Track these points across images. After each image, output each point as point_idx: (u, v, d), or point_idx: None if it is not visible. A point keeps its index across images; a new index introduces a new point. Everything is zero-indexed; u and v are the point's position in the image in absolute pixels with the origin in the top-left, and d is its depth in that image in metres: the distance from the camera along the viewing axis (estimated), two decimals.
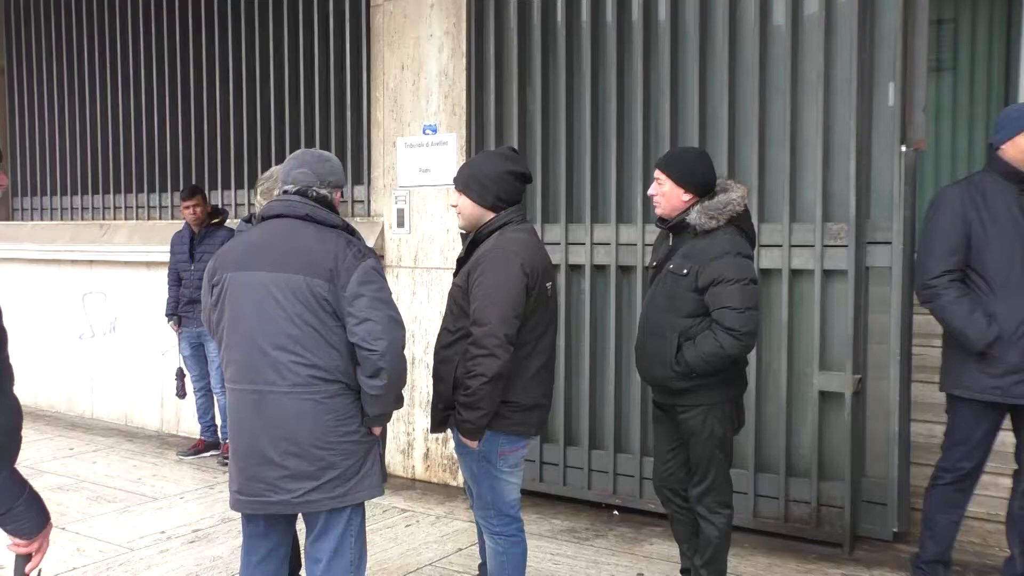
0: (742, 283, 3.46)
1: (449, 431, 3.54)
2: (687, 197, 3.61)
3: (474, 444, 3.36)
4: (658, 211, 3.72)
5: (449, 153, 5.94)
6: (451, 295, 3.46)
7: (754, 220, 4.87)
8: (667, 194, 3.65)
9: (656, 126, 5.30)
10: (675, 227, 3.67)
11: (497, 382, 3.24)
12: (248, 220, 4.57)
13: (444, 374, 3.41)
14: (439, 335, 3.51)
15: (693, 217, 3.58)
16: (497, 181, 3.41)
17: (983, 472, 5.03)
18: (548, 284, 3.44)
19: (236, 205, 7.33)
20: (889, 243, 4.69)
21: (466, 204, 3.46)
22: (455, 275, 3.53)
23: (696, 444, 3.64)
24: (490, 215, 3.43)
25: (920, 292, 3.85)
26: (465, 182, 3.46)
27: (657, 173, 3.69)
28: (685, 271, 3.54)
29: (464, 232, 3.57)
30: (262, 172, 6.29)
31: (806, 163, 4.86)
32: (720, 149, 5.04)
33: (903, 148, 4.64)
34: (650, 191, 3.73)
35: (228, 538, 4.95)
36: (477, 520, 3.65)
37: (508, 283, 3.25)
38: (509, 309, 3.23)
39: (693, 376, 3.54)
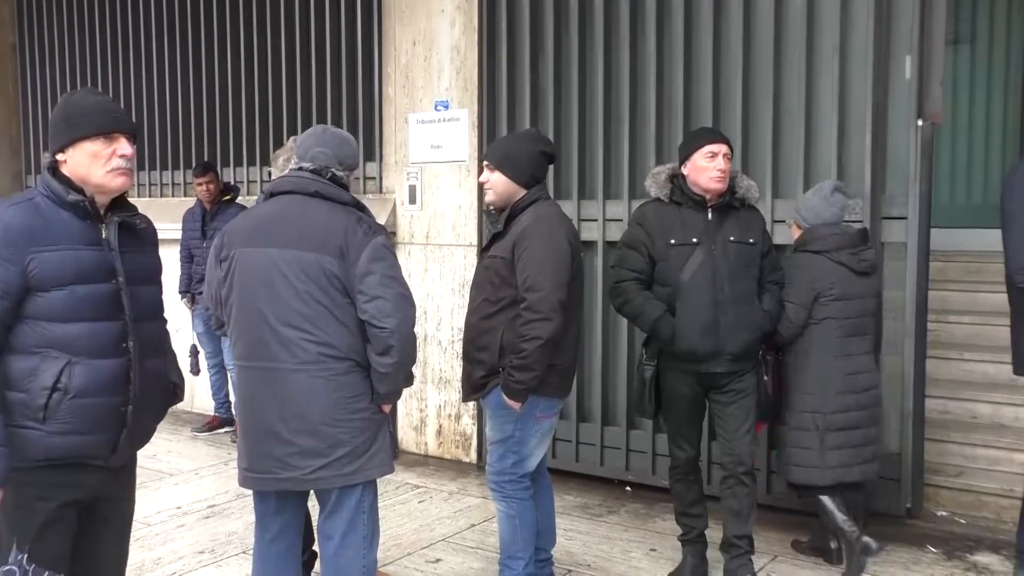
0: None
1: (480, 400, 3.67)
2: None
3: (518, 405, 3.47)
4: (720, 187, 3.73)
5: (461, 129, 5.92)
6: (490, 268, 3.56)
7: (768, 195, 4.89)
8: (728, 170, 3.76)
9: (670, 100, 5.26)
10: (726, 202, 3.78)
11: (550, 345, 3.38)
12: None
13: (487, 343, 3.52)
14: (476, 308, 3.60)
15: (746, 191, 3.80)
16: (533, 160, 3.58)
17: (1000, 448, 5.04)
18: (581, 254, 3.64)
19: (248, 182, 7.32)
20: (905, 218, 4.66)
21: (500, 181, 3.57)
22: (484, 251, 3.67)
23: (749, 401, 3.88)
24: (522, 192, 3.57)
25: (1017, 273, 3.63)
26: (500, 161, 3.58)
27: (727, 150, 3.75)
28: (752, 240, 3.79)
29: (492, 209, 3.69)
30: (274, 149, 6.27)
31: (821, 137, 4.82)
32: (734, 124, 4.99)
33: (919, 122, 4.60)
34: (721, 168, 3.70)
35: (243, 513, 4.99)
36: (490, 485, 3.72)
37: (556, 252, 3.43)
38: (560, 276, 3.41)
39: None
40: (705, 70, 5.12)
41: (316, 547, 3.89)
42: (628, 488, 5.44)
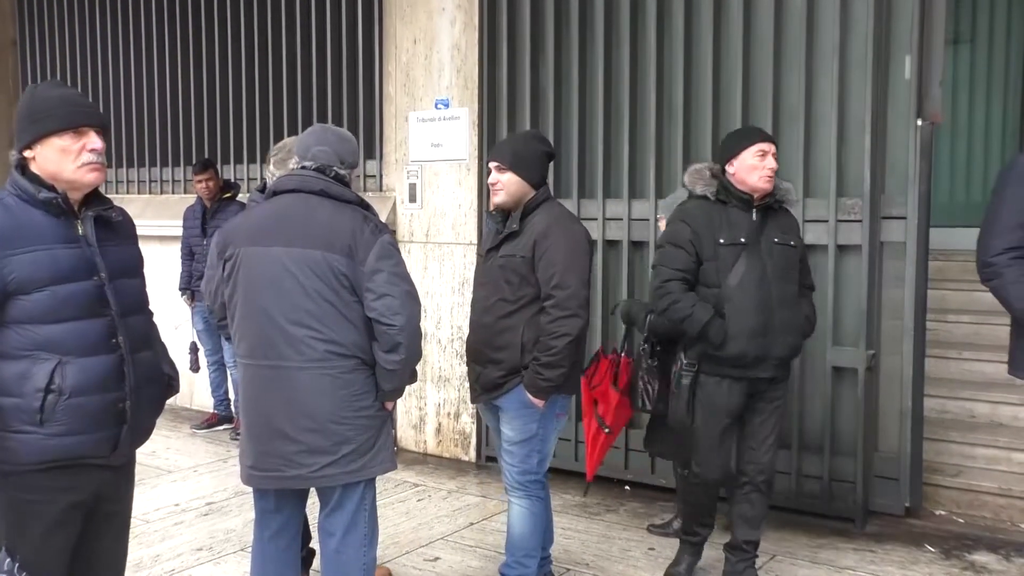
0: None
1: (493, 401, 3.65)
2: None
3: (541, 403, 3.50)
4: (769, 186, 3.67)
5: (461, 128, 5.92)
6: (506, 267, 3.55)
7: None
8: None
9: (669, 100, 5.26)
10: (768, 203, 3.72)
11: (577, 341, 3.44)
12: (262, 191, 4.55)
13: (507, 341, 3.52)
14: (490, 307, 3.58)
15: (785, 193, 3.75)
16: (540, 160, 3.64)
17: (998, 448, 5.05)
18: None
19: (248, 179, 7.31)
20: (904, 218, 4.66)
21: (513, 181, 3.58)
22: (492, 250, 3.64)
23: (782, 411, 3.83)
24: (532, 192, 3.59)
25: (981, 270, 3.54)
26: (513, 162, 3.59)
27: (775, 150, 3.70)
28: (793, 243, 3.75)
29: (501, 209, 3.66)
30: (274, 146, 6.28)
31: (820, 137, 4.82)
32: (734, 123, 4.99)
33: (919, 122, 4.60)
34: (772, 167, 3.66)
35: (241, 511, 4.99)
36: (513, 484, 3.70)
37: (579, 250, 3.50)
38: (584, 273, 3.49)
39: None
40: (705, 69, 5.12)
41: (312, 544, 3.92)
42: (627, 487, 5.44)
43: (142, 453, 2.78)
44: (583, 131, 5.54)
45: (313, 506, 3.29)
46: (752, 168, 3.64)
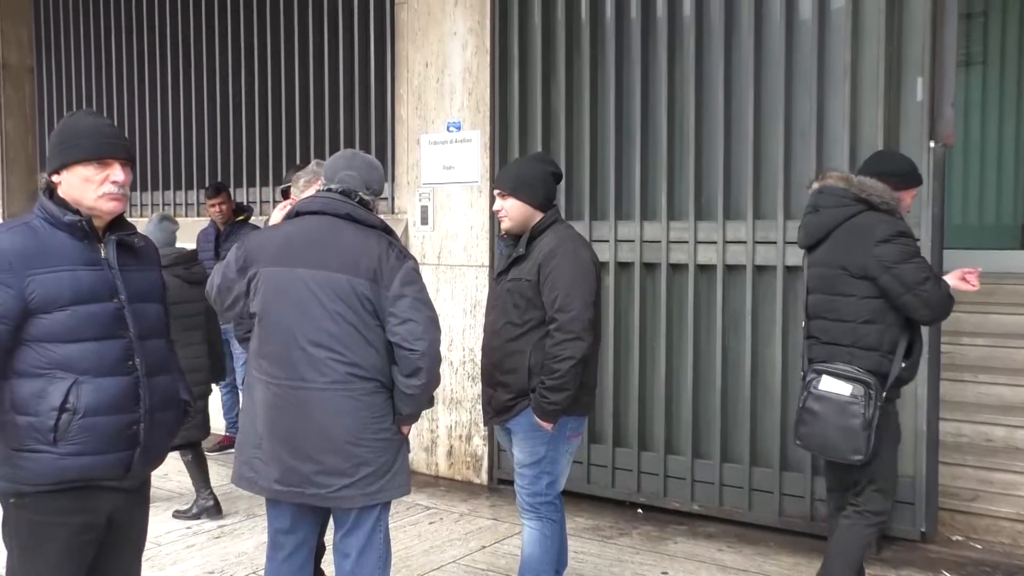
0: None
1: (504, 423, 3.66)
2: None
3: (550, 426, 3.49)
4: None
5: (473, 150, 5.94)
6: (513, 291, 3.57)
7: (780, 216, 4.89)
8: None
9: (681, 122, 5.27)
10: None
11: (582, 364, 3.43)
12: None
13: (515, 365, 3.53)
14: (499, 331, 3.60)
15: None
16: (544, 182, 3.63)
17: (1016, 472, 5.00)
18: (601, 274, 3.69)
19: (261, 202, 7.36)
20: (918, 240, 4.63)
21: (516, 206, 3.60)
22: (503, 274, 3.67)
23: None
24: (539, 214, 3.60)
25: None
26: (514, 186, 3.61)
27: None
28: None
29: (509, 234, 3.69)
30: (286, 170, 6.33)
31: (832, 159, 4.81)
32: (745, 145, 5.00)
33: (931, 144, 4.59)
34: None
35: (253, 534, 4.98)
36: (524, 506, 3.70)
37: (584, 272, 3.48)
38: (588, 295, 3.46)
39: None
40: (716, 91, 5.13)
41: (321, 566, 3.90)
42: (640, 510, 5.41)
43: (153, 475, 2.79)
44: (594, 153, 5.55)
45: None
46: None
